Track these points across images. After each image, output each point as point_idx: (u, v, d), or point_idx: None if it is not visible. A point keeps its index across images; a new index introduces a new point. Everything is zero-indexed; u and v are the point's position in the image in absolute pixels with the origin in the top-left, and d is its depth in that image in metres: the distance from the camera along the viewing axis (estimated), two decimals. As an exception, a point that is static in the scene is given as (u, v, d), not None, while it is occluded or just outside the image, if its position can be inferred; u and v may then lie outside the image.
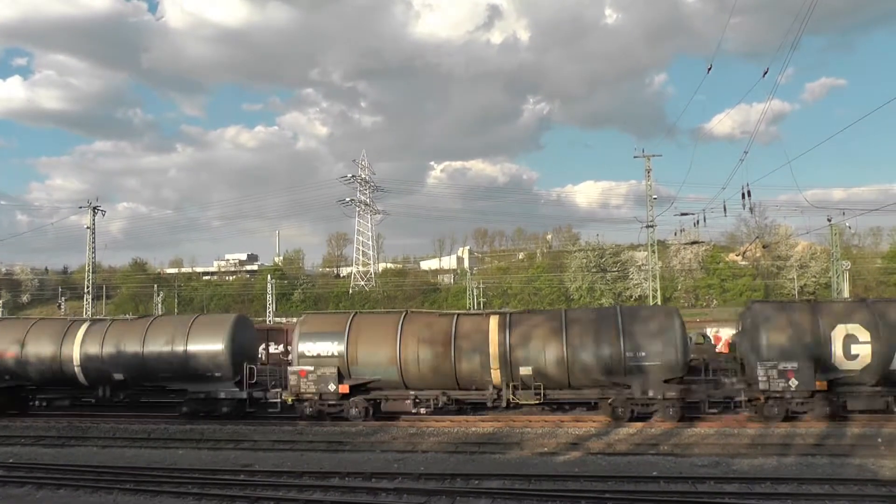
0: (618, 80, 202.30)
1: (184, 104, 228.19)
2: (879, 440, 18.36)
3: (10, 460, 18.61)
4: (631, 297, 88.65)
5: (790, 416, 20.74)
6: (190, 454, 19.55)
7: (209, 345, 23.57)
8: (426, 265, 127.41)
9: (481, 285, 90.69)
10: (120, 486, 15.63)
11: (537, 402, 21.59)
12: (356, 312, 24.62)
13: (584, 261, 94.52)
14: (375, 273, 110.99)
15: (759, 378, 20.51)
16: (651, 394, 21.02)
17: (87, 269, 57.20)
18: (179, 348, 23.68)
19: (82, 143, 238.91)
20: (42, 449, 20.73)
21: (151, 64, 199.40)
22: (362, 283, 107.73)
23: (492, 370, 21.72)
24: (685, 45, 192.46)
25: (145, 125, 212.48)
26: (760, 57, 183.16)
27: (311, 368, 22.61)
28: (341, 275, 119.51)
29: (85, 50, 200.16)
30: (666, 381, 20.97)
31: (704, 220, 42.89)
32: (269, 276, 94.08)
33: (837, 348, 20.30)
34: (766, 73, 22.15)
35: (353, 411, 22.59)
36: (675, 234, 57.85)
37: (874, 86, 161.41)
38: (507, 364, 21.57)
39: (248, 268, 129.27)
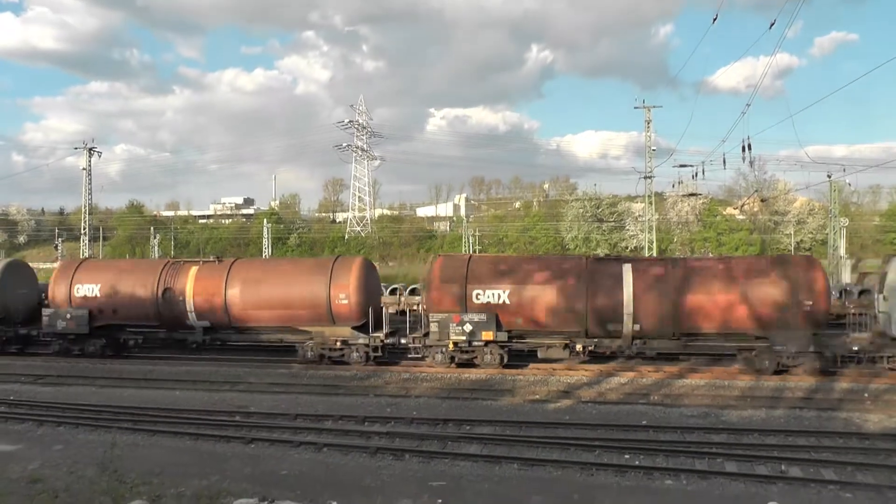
0: (623, 29, 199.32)
1: (181, 46, 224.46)
2: (866, 395, 18.68)
3: (11, 398, 18.91)
4: (626, 247, 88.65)
5: None
6: (187, 395, 19.86)
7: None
8: (422, 212, 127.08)
9: (477, 233, 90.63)
10: (118, 425, 15.92)
11: None
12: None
13: (581, 210, 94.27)
14: (371, 219, 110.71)
15: None
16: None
17: (83, 210, 56.99)
18: None
19: (77, 83, 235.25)
20: (42, 388, 21.02)
21: (148, 2, 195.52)
22: (358, 228, 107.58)
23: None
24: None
25: (142, 66, 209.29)
26: (769, 9, 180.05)
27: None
28: (337, 220, 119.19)
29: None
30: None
31: (703, 173, 42.70)
32: (265, 220, 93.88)
33: None
34: (772, 24, 21.49)
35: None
36: (673, 185, 57.86)
37: (886, 40, 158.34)
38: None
39: (245, 211, 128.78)
